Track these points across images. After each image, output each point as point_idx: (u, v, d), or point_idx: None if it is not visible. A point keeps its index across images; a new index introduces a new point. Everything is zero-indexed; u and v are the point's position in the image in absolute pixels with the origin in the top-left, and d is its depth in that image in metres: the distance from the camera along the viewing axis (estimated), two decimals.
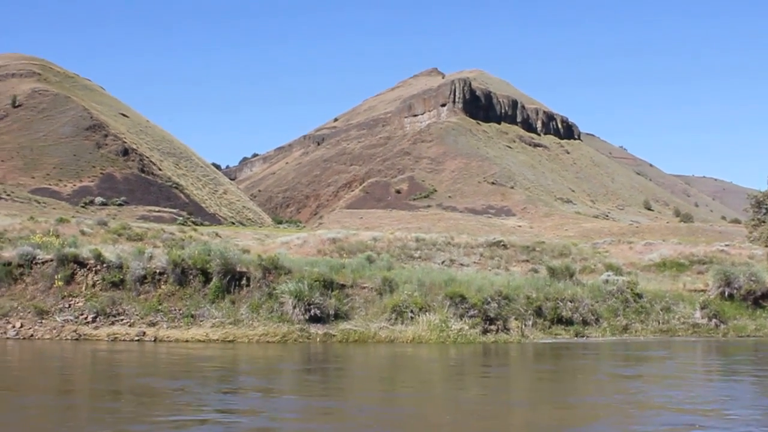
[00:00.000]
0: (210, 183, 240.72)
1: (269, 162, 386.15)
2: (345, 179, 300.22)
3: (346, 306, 28.22)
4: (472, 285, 29.43)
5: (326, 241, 40.10)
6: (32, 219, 43.82)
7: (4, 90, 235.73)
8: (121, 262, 28.33)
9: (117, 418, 14.44)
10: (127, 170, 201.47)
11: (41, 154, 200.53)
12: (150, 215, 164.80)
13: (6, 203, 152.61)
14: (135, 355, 23.61)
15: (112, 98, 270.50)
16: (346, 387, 19.24)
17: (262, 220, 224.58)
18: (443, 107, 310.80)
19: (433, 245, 40.38)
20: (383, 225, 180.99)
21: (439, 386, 19.60)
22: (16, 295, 27.70)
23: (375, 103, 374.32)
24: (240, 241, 54.79)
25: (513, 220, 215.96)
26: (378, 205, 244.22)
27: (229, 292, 28.00)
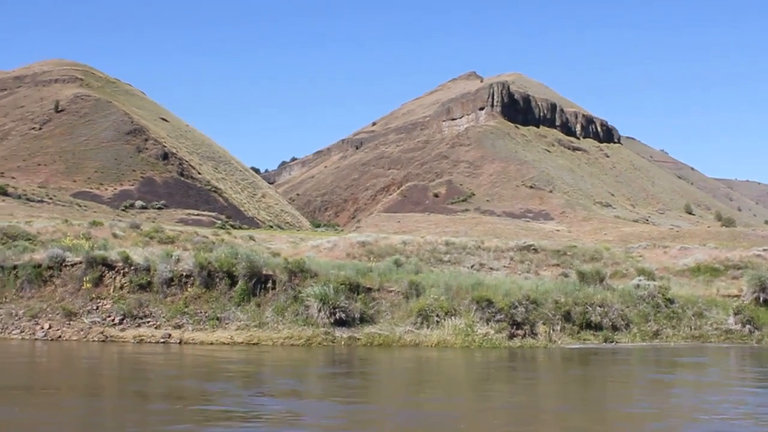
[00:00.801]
0: (249, 187, 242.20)
1: (308, 166, 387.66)
2: (383, 183, 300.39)
3: (372, 309, 28.10)
4: (500, 289, 29.14)
5: (356, 245, 40.04)
6: (66, 222, 44.33)
7: (47, 95, 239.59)
8: (149, 265, 28.53)
9: (162, 420, 14.65)
10: (166, 174, 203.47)
11: (83, 158, 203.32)
12: (189, 219, 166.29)
13: (48, 206, 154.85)
14: (167, 357, 23.81)
15: (153, 103, 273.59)
16: (381, 391, 19.24)
17: (300, 224, 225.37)
18: (481, 111, 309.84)
19: (463, 249, 40.16)
20: (420, 229, 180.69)
21: (476, 391, 19.48)
22: (45, 296, 28.02)
23: (413, 107, 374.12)
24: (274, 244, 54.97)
25: (551, 224, 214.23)
26: (416, 209, 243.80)
27: (254, 295, 28.04)
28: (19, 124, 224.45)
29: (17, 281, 28.43)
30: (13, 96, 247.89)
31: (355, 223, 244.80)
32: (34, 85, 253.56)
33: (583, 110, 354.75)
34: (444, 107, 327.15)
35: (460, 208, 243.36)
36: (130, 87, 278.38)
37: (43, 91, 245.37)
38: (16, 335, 26.30)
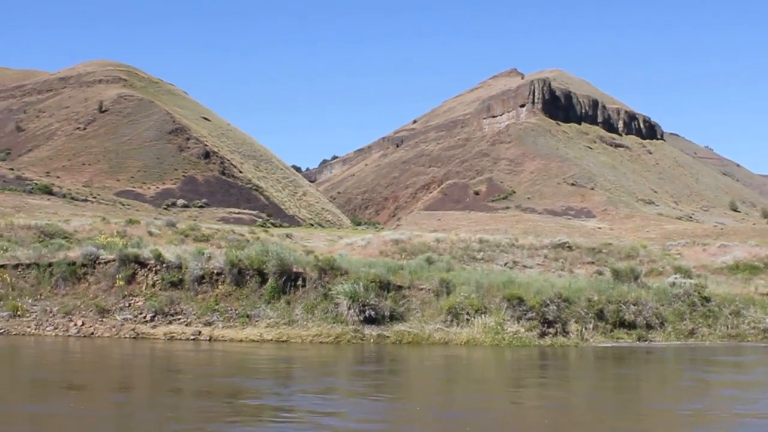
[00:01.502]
0: (290, 185, 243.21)
1: (349, 164, 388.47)
2: (423, 181, 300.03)
3: (402, 307, 28.05)
4: (531, 287, 28.92)
5: (389, 243, 40.01)
6: (104, 220, 44.90)
7: (91, 96, 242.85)
8: (180, 263, 28.77)
9: (209, 417, 14.80)
10: (208, 173, 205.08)
11: (126, 157, 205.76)
12: (230, 217, 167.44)
13: (92, 205, 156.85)
14: (201, 355, 24.05)
15: (195, 102, 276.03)
16: (417, 389, 19.21)
17: (341, 222, 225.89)
18: (522, 108, 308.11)
19: (496, 247, 39.94)
20: (461, 227, 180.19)
21: (516, 389, 19.38)
22: (79, 294, 28.39)
23: (454, 104, 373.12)
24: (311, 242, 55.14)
25: (593, 221, 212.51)
26: (456, 207, 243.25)
27: (284, 292, 28.13)
28: (64, 125, 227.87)
29: (52, 278, 28.86)
30: (58, 97, 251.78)
31: (396, 221, 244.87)
32: (79, 85, 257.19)
33: (625, 107, 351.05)
34: (484, 104, 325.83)
35: (500, 206, 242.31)
36: (172, 87, 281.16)
37: (88, 91, 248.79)
38: (50, 332, 26.67)
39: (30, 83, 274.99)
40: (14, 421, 14.56)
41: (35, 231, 38.19)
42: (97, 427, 14.34)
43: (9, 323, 27.07)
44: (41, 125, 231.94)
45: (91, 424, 14.47)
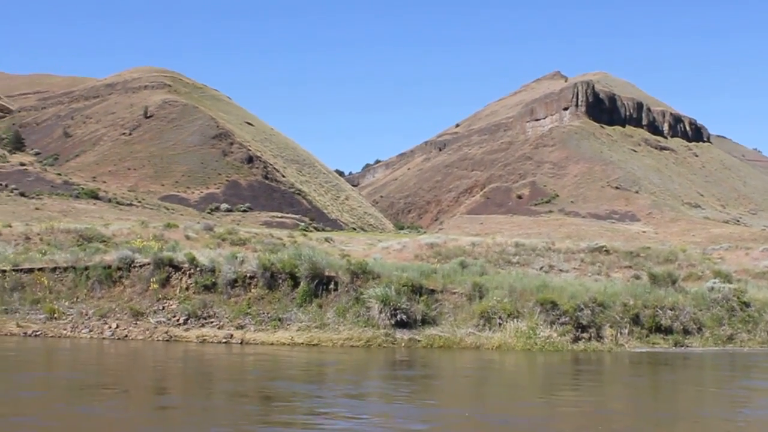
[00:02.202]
0: (332, 189, 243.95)
1: (391, 168, 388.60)
2: (466, 185, 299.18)
3: (434, 311, 27.95)
4: (566, 291, 28.65)
5: (424, 247, 39.91)
6: (143, 224, 45.42)
7: (137, 101, 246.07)
8: (214, 266, 28.98)
9: (255, 421, 14.89)
10: (251, 177, 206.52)
11: (170, 162, 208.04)
12: (273, 221, 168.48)
13: (137, 209, 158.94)
14: (242, 358, 24.14)
15: (238, 107, 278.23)
16: (460, 395, 19.12)
17: (383, 226, 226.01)
18: (566, 111, 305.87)
19: (532, 251, 39.64)
20: (503, 230, 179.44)
21: (554, 395, 19.18)
22: (114, 297, 28.75)
23: (497, 107, 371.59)
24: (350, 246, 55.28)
25: (637, 225, 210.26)
26: (499, 211, 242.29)
27: (316, 296, 28.19)
28: (110, 130, 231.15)
29: (88, 282, 29.26)
30: (105, 103, 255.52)
31: (438, 225, 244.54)
32: (125, 92, 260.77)
33: (671, 109, 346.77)
34: (528, 108, 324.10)
35: (543, 209, 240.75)
36: (216, 92, 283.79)
37: (133, 97, 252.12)
38: (85, 334, 27.04)
39: (77, 90, 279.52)
40: (70, 423, 14.73)
41: (74, 235, 38.77)
42: (147, 428, 14.49)
43: (46, 325, 27.51)
44: (88, 131, 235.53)
45: (141, 425, 14.63)
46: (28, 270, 30.00)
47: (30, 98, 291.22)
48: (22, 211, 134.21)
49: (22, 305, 28.64)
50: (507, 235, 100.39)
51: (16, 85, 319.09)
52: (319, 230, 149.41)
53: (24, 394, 17.50)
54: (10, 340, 26.65)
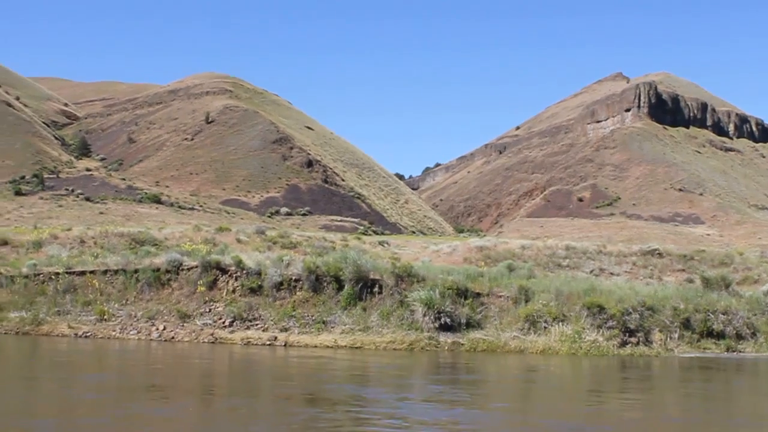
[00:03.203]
0: (392, 193, 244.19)
1: (451, 171, 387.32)
2: (526, 187, 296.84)
3: (480, 315, 27.80)
4: (614, 295, 28.23)
5: (473, 250, 39.73)
6: (197, 228, 45.98)
7: (199, 107, 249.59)
8: (260, 269, 29.24)
9: (323, 425, 14.97)
10: (311, 181, 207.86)
11: (231, 167, 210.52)
12: (332, 225, 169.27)
13: (198, 213, 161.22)
14: (295, 361, 24.31)
15: (299, 112, 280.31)
16: (519, 400, 19.01)
17: (443, 229, 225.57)
18: (627, 112, 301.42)
19: (583, 254, 39.15)
20: (564, 233, 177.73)
21: (608, 400, 18.98)
22: (162, 299, 29.22)
23: (558, 110, 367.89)
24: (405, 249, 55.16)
25: (701, 228, 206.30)
26: (559, 214, 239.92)
27: (361, 299, 28.26)
28: (173, 136, 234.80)
29: (138, 284, 29.80)
30: (168, 109, 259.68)
31: (498, 228, 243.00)
32: (187, 97, 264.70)
33: (736, 109, 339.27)
34: (589, 109, 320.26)
35: (605, 212, 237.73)
36: (276, 97, 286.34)
37: (195, 103, 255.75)
38: (133, 335, 27.53)
39: (141, 96, 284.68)
40: (141, 424, 15.03)
41: (127, 238, 39.49)
42: (224, 430, 14.73)
43: (95, 327, 28.08)
44: (151, 136, 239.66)
45: (214, 427, 14.84)
46: (81, 273, 30.68)
47: (96, 105, 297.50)
48: (87, 215, 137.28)
49: (74, 307, 29.30)
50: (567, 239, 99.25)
51: (83, 93, 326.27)
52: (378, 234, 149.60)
53: (90, 396, 17.87)
54: (63, 341, 27.29)
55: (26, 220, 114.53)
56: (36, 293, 30.02)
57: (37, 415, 15.45)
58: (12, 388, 19.04)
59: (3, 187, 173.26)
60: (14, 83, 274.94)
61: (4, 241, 37.51)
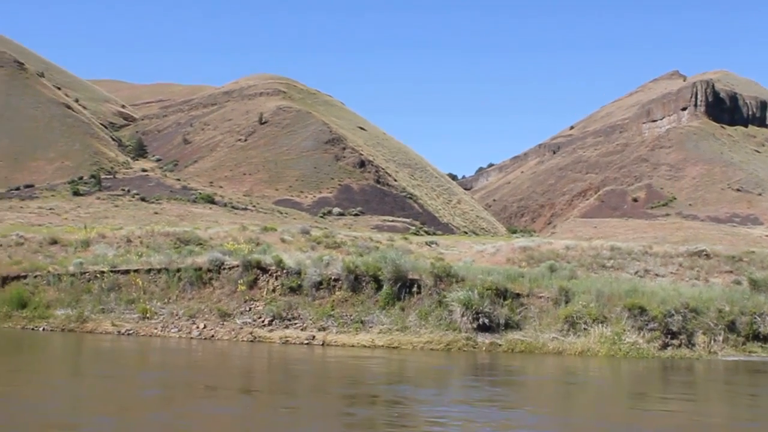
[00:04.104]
0: (444, 193, 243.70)
1: (505, 171, 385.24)
2: (580, 188, 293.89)
3: (519, 315, 27.65)
4: (656, 296, 27.82)
5: (517, 250, 39.49)
6: (243, 228, 46.41)
7: (252, 108, 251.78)
8: (300, 269, 29.43)
9: (387, 423, 15.18)
10: (363, 181, 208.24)
11: (284, 167, 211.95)
12: (384, 225, 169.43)
13: (251, 213, 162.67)
14: (339, 360, 24.50)
15: (351, 112, 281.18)
16: (570, 402, 18.97)
17: (495, 230, 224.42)
18: (684, 111, 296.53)
19: (628, 254, 38.64)
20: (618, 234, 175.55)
21: (656, 403, 18.78)
22: (204, 298, 29.59)
23: (612, 109, 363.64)
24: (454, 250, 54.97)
25: (760, 229, 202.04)
26: (614, 214, 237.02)
27: (399, 299, 28.28)
28: (227, 137, 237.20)
29: (180, 283, 30.23)
30: (222, 110, 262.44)
31: (551, 228, 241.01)
32: (241, 99, 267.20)
33: None
34: (644, 108, 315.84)
35: (660, 212, 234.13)
36: (329, 98, 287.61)
37: (249, 104, 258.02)
38: (174, 333, 27.94)
39: (197, 98, 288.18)
40: (201, 421, 15.31)
41: (173, 238, 40.05)
42: (285, 428, 14.92)
43: (138, 324, 28.57)
44: (206, 137, 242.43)
45: (275, 426, 15.07)
46: (125, 271, 31.23)
47: (153, 106, 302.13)
48: (141, 215, 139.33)
49: (117, 305, 29.84)
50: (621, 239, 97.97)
51: (140, 94, 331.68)
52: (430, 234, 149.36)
53: (146, 393, 18.20)
54: (106, 338, 27.83)
55: (83, 219, 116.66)
56: (82, 291, 30.65)
57: (98, 412, 15.71)
58: (67, 384, 19.48)
59: (62, 187, 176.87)
60: (74, 86, 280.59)
61: (53, 240, 38.39)
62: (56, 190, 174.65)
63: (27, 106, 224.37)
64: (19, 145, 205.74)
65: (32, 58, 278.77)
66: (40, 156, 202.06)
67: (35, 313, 29.87)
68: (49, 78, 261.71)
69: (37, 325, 29.28)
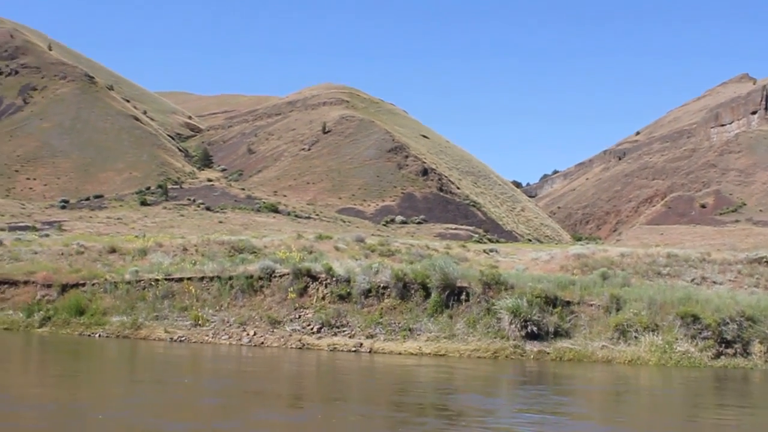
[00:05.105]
0: (508, 200, 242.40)
1: (569, 178, 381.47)
2: (646, 194, 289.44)
3: (568, 323, 27.38)
4: (711, 304, 27.27)
5: (571, 257, 39.08)
6: (298, 236, 46.85)
7: (316, 117, 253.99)
8: (349, 276, 29.61)
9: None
10: (426, 189, 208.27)
11: (347, 176, 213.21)
12: (447, 233, 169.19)
13: (314, 222, 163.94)
14: (393, 368, 24.52)
15: (414, 121, 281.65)
16: (639, 413, 18.72)
17: (560, 237, 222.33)
18: (754, 115, 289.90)
19: (685, 261, 37.92)
20: (685, 241, 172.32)
21: (727, 414, 18.54)
22: (254, 305, 29.96)
23: (679, 113, 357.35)
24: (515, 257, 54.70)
25: None
26: (681, 221, 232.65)
27: (447, 306, 28.24)
28: (290, 146, 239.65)
29: (232, 291, 30.67)
30: (286, 120, 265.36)
31: (617, 235, 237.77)
32: (305, 108, 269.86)
33: None
34: (712, 113, 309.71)
35: (729, 219, 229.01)
36: (392, 106, 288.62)
37: (312, 114, 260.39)
38: (224, 340, 28.34)
39: (261, 108, 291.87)
40: (274, 429, 15.58)
41: (227, 246, 40.64)
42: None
43: (190, 332, 29.07)
44: (270, 147, 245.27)
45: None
46: (179, 279, 31.80)
47: (218, 117, 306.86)
48: (206, 224, 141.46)
49: (171, 312, 30.39)
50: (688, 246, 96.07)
51: (206, 106, 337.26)
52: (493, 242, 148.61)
53: (208, 401, 18.35)
54: (159, 345, 28.36)
55: (149, 229, 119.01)
56: (137, 299, 31.30)
57: (167, 418, 15.93)
58: (131, 390, 19.85)
59: (130, 197, 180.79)
60: (142, 98, 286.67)
61: (112, 249, 39.30)
62: (124, 200, 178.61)
63: (97, 119, 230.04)
64: (89, 156, 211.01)
65: (102, 72, 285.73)
66: (109, 167, 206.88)
67: (92, 320, 30.62)
68: (119, 91, 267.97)
69: (94, 332, 30.00)
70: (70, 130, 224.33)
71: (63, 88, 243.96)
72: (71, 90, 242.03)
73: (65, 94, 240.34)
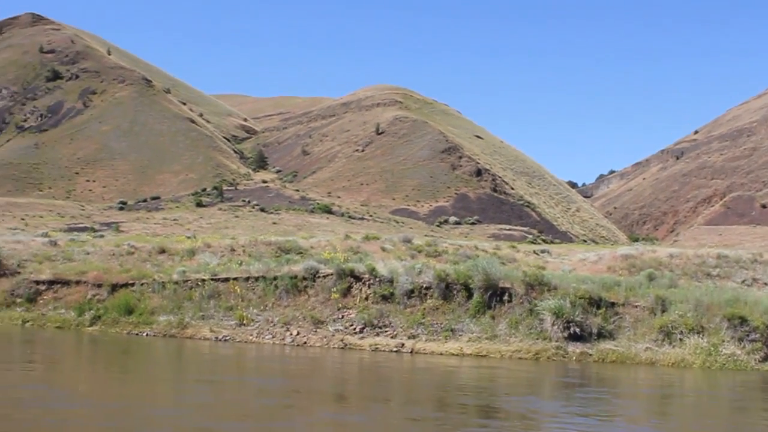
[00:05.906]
0: (563, 201, 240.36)
1: (626, 178, 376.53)
2: (705, 194, 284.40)
3: (612, 325, 27.12)
4: (759, 306, 26.78)
5: (618, 258, 38.64)
6: (346, 237, 47.07)
7: (370, 118, 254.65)
8: (392, 277, 29.73)
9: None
10: (480, 190, 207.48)
11: (401, 176, 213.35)
12: (501, 233, 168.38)
13: (367, 223, 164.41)
14: (440, 368, 24.58)
15: (468, 121, 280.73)
16: (697, 414, 18.73)
17: (616, 238, 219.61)
18: None
19: (735, 263, 37.25)
20: (744, 242, 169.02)
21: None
22: (298, 305, 30.23)
23: (739, 112, 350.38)
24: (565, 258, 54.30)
25: None
26: (740, 221, 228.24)
27: (490, 307, 28.18)
28: (344, 147, 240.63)
29: (277, 291, 31.00)
30: (340, 121, 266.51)
31: (674, 236, 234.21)
32: (358, 110, 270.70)
33: None
34: None
35: None
36: (446, 107, 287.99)
37: (366, 115, 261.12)
38: (268, 340, 28.68)
39: (315, 110, 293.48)
40: (333, 429, 15.79)
41: (274, 247, 41.02)
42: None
43: (235, 331, 29.46)
44: (324, 148, 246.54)
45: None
46: (225, 279, 32.24)
47: (273, 119, 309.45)
48: (260, 225, 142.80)
49: (216, 312, 30.82)
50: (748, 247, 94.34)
51: (261, 108, 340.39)
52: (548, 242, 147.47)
53: (264, 401, 18.53)
54: (205, 344, 28.79)
55: (204, 230, 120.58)
56: (184, 298, 31.80)
57: (223, 418, 16.05)
58: (182, 389, 20.22)
59: (186, 199, 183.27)
60: (198, 101, 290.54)
61: (162, 250, 39.94)
62: (180, 201, 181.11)
63: (154, 122, 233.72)
64: (146, 158, 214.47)
65: (159, 75, 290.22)
66: (165, 169, 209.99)
67: (140, 319, 31.21)
68: (175, 94, 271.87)
69: (141, 331, 30.56)
70: (128, 132, 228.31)
71: (121, 91, 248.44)
72: (129, 93, 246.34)
73: (123, 97, 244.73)
